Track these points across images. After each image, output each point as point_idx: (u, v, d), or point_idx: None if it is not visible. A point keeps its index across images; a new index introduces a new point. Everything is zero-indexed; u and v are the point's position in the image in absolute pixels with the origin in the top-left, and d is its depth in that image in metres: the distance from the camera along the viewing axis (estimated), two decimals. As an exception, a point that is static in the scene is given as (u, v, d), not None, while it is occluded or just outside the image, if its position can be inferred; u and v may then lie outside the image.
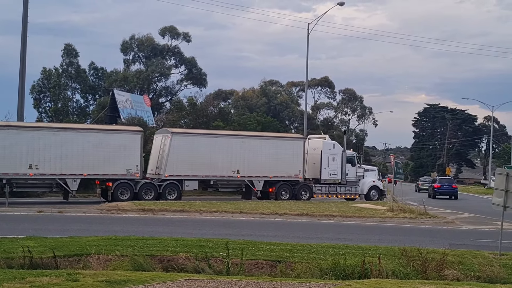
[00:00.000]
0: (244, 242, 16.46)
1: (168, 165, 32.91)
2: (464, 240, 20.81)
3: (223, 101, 72.08)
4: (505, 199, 16.52)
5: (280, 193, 35.82)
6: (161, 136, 34.51)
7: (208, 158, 33.89)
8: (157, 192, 32.31)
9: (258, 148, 35.53)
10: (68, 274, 10.94)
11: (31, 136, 29.99)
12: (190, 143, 33.76)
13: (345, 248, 15.86)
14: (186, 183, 33.45)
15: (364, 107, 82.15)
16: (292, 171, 36.04)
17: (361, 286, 10.52)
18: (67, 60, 61.31)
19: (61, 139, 30.47)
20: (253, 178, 35.31)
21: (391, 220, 27.04)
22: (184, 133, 35.40)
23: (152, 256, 14.03)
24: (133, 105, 53.30)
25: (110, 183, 31.35)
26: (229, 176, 34.82)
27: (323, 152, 37.18)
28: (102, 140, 31.44)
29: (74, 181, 30.72)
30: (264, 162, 35.29)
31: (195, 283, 10.47)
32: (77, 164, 30.65)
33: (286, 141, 37.16)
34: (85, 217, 24.27)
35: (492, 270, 13.41)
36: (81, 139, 31.04)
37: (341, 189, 37.76)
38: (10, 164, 29.23)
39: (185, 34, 64.90)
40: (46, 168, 29.97)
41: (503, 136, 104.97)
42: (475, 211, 34.51)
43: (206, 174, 34.12)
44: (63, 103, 60.05)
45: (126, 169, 31.65)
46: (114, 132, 32.81)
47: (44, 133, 30.51)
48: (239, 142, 35.29)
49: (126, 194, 31.55)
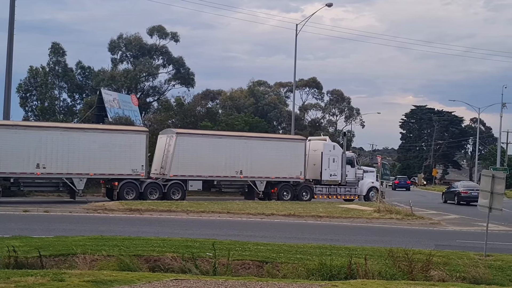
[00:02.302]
0: (231, 242, 16.46)
1: (173, 165, 33.25)
2: (450, 241, 20.94)
3: (211, 101, 71.94)
4: (491, 200, 16.65)
5: (282, 193, 36.30)
6: (166, 136, 34.82)
7: (212, 158, 34.26)
8: (162, 192, 32.68)
9: (261, 149, 35.91)
10: (54, 274, 10.88)
11: (38, 135, 30.25)
12: (194, 143, 34.17)
13: (332, 248, 15.89)
14: (190, 183, 33.83)
15: (352, 108, 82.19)
16: (293, 172, 36.51)
17: (347, 286, 10.54)
18: (54, 58, 60.91)
19: (68, 139, 30.81)
20: (256, 178, 35.71)
21: (377, 221, 27.14)
22: (189, 133, 35.63)
23: (138, 256, 14.00)
24: (120, 105, 53.07)
25: (116, 182, 31.76)
26: (232, 176, 35.18)
27: (324, 154, 37.69)
28: (108, 140, 31.79)
29: (81, 181, 31.08)
30: (267, 163, 35.71)
31: (182, 283, 10.45)
32: (84, 164, 31.01)
33: (287, 143, 37.63)
34: (71, 217, 24.16)
35: (478, 271, 13.49)
36: (88, 139, 31.41)
37: (341, 190, 38.19)
38: (17, 163, 29.56)
39: (173, 34, 64.71)
40: (53, 167, 30.32)
41: (489, 138, 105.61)
42: (461, 212, 34.72)
43: (210, 175, 34.49)
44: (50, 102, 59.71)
45: (131, 169, 32.01)
46: (120, 132, 33.05)
47: (51, 132, 30.74)
48: (242, 143, 35.77)
49: (131, 193, 31.93)
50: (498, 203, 16.69)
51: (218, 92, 73.95)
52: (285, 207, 29.82)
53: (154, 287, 10.04)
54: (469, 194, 43.05)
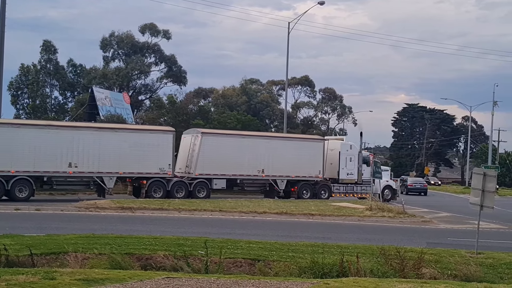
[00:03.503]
0: (223, 240, 16.45)
1: (198, 164, 33.93)
2: (442, 239, 21.00)
3: (203, 99, 71.84)
4: (482, 198, 16.70)
5: (302, 192, 36.87)
6: (190, 136, 35.55)
7: (235, 157, 35.06)
8: (187, 190, 33.41)
9: (282, 148, 36.62)
10: (45, 272, 10.84)
11: (70, 135, 30.99)
12: (219, 143, 34.99)
13: (324, 246, 15.90)
14: (214, 181, 34.49)
15: (344, 106, 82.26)
16: (312, 171, 37.10)
17: (339, 284, 10.55)
18: (46, 56, 60.75)
19: (99, 139, 31.54)
20: (277, 177, 36.29)
21: (369, 219, 27.18)
22: (213, 133, 36.65)
23: (130, 254, 13.97)
24: (112, 103, 52.95)
25: (144, 181, 32.46)
26: (254, 175, 35.88)
27: (341, 153, 38.39)
28: (137, 140, 32.57)
29: (111, 179, 31.81)
30: (287, 162, 36.31)
31: (173, 281, 10.43)
32: (114, 163, 31.74)
33: (307, 142, 38.47)
34: (63, 215, 24.05)
35: (469, 268, 13.54)
36: (118, 138, 32.18)
37: (357, 189, 38.92)
38: (51, 162, 30.15)
39: (165, 32, 64.65)
40: (84, 166, 31.00)
41: (481, 136, 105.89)
42: (453, 210, 34.82)
43: (233, 173, 35.18)
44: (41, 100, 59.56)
45: (159, 168, 32.64)
46: (148, 132, 33.94)
47: (83, 132, 31.55)
48: (264, 143, 36.66)
49: (159, 192, 32.60)
50: (489, 201, 16.75)
51: (210, 90, 73.87)
52: (277, 205, 29.83)
53: (146, 286, 10.01)
54: (413, 186, 57.38)
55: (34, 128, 30.66)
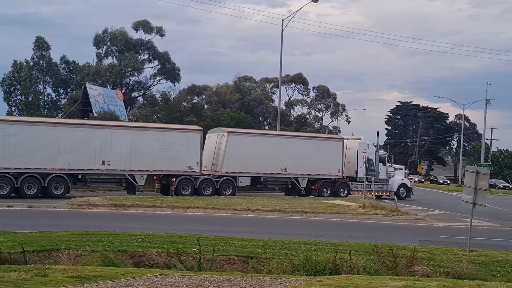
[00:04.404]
0: (216, 238, 16.44)
1: (225, 162, 34.97)
2: (434, 236, 21.05)
3: (197, 96, 71.74)
4: (475, 196, 16.75)
5: (322, 190, 37.86)
6: (216, 135, 36.58)
7: (259, 156, 36.05)
8: (214, 187, 34.49)
9: (303, 147, 37.62)
10: (37, 269, 10.80)
11: (104, 134, 31.92)
12: (244, 142, 36.03)
13: (317, 244, 15.93)
14: (240, 179, 35.56)
15: (338, 104, 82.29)
16: (332, 169, 38.13)
17: (332, 282, 10.56)
18: (39, 53, 60.58)
19: (130, 137, 32.48)
20: (299, 175, 37.31)
21: (362, 217, 27.22)
22: (239, 132, 37.74)
23: (123, 251, 13.94)
24: (105, 100, 52.85)
25: (173, 178, 33.49)
26: (277, 173, 36.93)
27: (359, 152, 39.31)
28: (166, 139, 33.56)
29: (142, 177, 32.76)
30: (308, 161, 37.29)
31: (166, 278, 10.42)
32: (145, 161, 32.65)
33: (327, 142, 39.73)
34: (56, 212, 23.98)
35: (461, 266, 13.59)
36: (149, 137, 33.17)
37: (374, 187, 39.94)
38: (85, 160, 31.10)
39: (159, 29, 64.53)
40: (117, 164, 31.89)
41: (474, 134, 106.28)
42: (446, 208, 34.93)
43: (258, 171, 36.25)
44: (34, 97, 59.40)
45: (187, 166, 33.61)
46: (177, 131, 34.88)
47: (115, 131, 32.48)
48: (287, 142, 37.79)
49: (187, 189, 33.67)
50: (482, 199, 16.80)
51: (203, 87, 73.80)
52: (271, 203, 29.85)
53: (139, 283, 9.99)
54: None
55: (69, 127, 31.65)
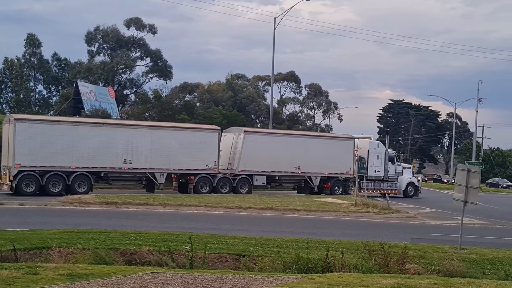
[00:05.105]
0: (208, 235, 16.43)
1: (241, 161, 35.74)
2: (426, 234, 21.12)
3: (189, 94, 71.69)
4: (466, 194, 16.80)
5: (334, 188, 38.52)
6: (232, 134, 37.30)
7: (274, 155, 36.69)
8: (231, 186, 35.23)
9: (316, 147, 38.32)
10: (28, 267, 10.76)
11: (125, 133, 32.73)
12: (259, 141, 36.81)
13: (309, 242, 15.94)
14: (255, 178, 36.33)
15: (330, 102, 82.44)
16: (344, 168, 38.88)
17: (324, 279, 10.57)
18: (30, 50, 60.36)
19: (151, 136, 33.13)
20: (312, 174, 38.14)
21: (354, 215, 27.25)
22: (255, 132, 39.23)
23: (114, 249, 13.91)
24: (97, 97, 52.69)
25: (192, 177, 34.13)
26: (291, 172, 37.68)
27: (370, 151, 40.35)
28: (186, 138, 34.24)
29: (162, 175, 33.33)
30: (321, 160, 37.98)
31: (158, 276, 10.40)
32: (165, 159, 33.27)
33: (339, 141, 40.13)
34: (47, 210, 23.90)
35: (452, 264, 13.62)
36: (169, 136, 33.75)
37: (383, 185, 41.00)
38: (107, 158, 31.77)
39: (151, 26, 64.42)
40: (138, 162, 32.57)
41: (465, 132, 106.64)
42: (437, 206, 35.01)
43: (272, 170, 37.01)
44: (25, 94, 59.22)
45: (205, 164, 34.29)
46: (196, 130, 35.56)
47: (137, 130, 33.28)
48: (301, 141, 38.69)
49: (205, 187, 34.38)
50: (473, 197, 16.86)
51: (195, 85, 73.70)
52: (263, 201, 29.83)
53: (130, 281, 9.96)
54: None
55: (93, 126, 32.37)
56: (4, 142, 31.36)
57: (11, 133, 29.96)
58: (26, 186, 29.82)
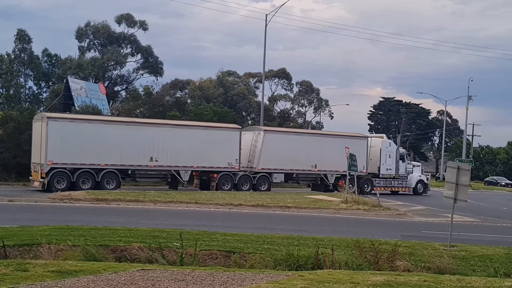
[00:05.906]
0: (198, 232, 16.43)
1: (261, 159, 37.00)
2: (416, 231, 21.19)
3: (180, 90, 71.41)
4: (456, 192, 16.86)
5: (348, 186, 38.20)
6: (252, 133, 38.51)
7: (292, 153, 37.95)
8: (252, 183, 36.52)
9: (331, 145, 39.28)
10: (18, 264, 10.71)
11: (151, 131, 33.81)
12: (278, 140, 38.07)
13: (299, 239, 15.97)
14: (274, 175, 37.67)
15: (321, 99, 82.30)
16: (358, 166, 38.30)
17: (314, 277, 10.58)
18: (20, 45, 59.90)
19: (176, 135, 34.25)
20: (327, 172, 39.67)
21: (345, 212, 27.33)
22: (274, 131, 40.38)
23: (104, 246, 13.88)
24: (87, 93, 52.39)
25: (215, 174, 35.36)
26: (308, 170, 39.15)
27: (382, 150, 41.92)
28: (209, 136, 35.29)
29: (186, 173, 34.50)
30: (336, 158, 38.32)
31: (148, 273, 10.38)
32: (189, 157, 34.41)
33: (353, 140, 40.77)
34: (36, 206, 23.82)
35: (442, 261, 13.68)
36: (193, 135, 34.83)
37: (394, 183, 42.67)
38: (134, 156, 32.81)
39: (142, 22, 64.04)
40: (164, 160, 33.67)
41: (456, 130, 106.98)
42: (427, 203, 35.16)
43: (291, 168, 38.31)
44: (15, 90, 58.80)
45: (227, 162, 35.51)
46: (218, 129, 36.68)
47: (162, 129, 34.30)
48: (317, 140, 39.96)
49: (227, 184, 35.65)
50: (463, 194, 16.92)
51: (187, 81, 73.47)
52: (254, 198, 29.87)
53: (120, 277, 9.94)
54: None
55: (120, 125, 33.46)
56: (35, 140, 31.88)
57: (43, 131, 30.58)
58: (57, 183, 30.43)
